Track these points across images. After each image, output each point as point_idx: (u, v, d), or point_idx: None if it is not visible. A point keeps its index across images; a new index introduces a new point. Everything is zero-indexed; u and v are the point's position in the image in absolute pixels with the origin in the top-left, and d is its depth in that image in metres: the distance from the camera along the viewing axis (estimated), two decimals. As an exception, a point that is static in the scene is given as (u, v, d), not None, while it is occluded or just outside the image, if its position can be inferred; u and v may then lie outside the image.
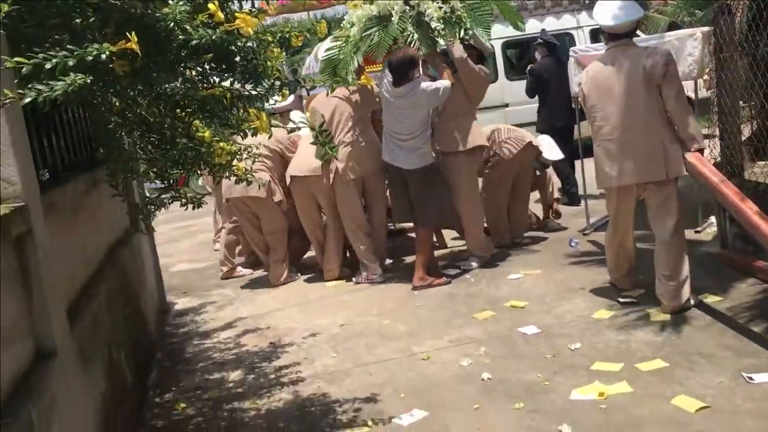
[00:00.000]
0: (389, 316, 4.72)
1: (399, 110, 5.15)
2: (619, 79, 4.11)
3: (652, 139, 4.03)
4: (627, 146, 4.09)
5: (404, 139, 5.20)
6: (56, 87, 1.92)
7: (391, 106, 5.19)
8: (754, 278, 4.44)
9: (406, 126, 5.18)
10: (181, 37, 2.26)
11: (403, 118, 5.15)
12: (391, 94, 5.18)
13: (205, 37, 2.23)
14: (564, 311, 4.38)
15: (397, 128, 5.21)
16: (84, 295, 3.13)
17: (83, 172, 3.54)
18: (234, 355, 4.39)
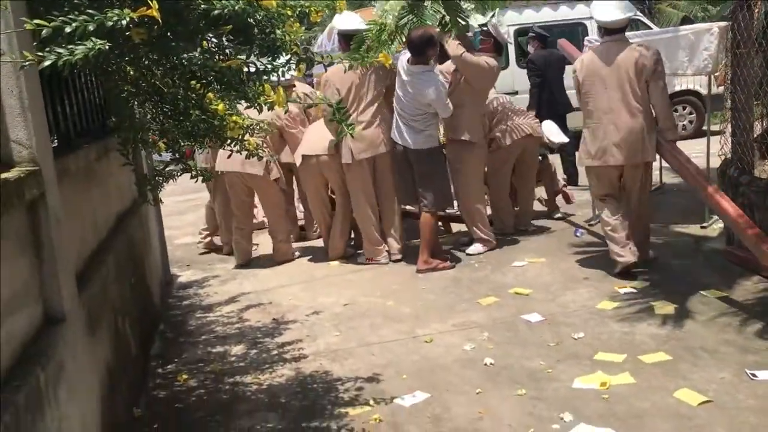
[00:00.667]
0: (393, 298, 4.73)
1: (408, 89, 5.13)
2: (612, 70, 4.60)
3: (634, 127, 4.57)
4: (612, 131, 4.61)
5: (410, 118, 5.20)
6: (76, 51, 1.90)
7: (403, 84, 5.17)
8: (759, 276, 4.44)
9: (412, 106, 5.17)
10: (203, 6, 2.24)
11: (411, 98, 5.14)
12: (405, 72, 5.16)
13: (228, 7, 2.21)
14: (568, 300, 4.38)
15: (404, 107, 5.21)
16: (93, 261, 3.13)
17: (95, 140, 3.53)
18: (237, 330, 4.40)
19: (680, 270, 4.75)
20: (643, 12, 17.91)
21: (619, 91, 4.56)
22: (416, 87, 5.10)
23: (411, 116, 5.20)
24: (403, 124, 5.24)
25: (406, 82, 5.15)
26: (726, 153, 5.13)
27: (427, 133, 5.24)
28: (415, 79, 5.10)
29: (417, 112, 5.18)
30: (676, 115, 11.17)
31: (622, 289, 4.45)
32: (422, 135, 5.22)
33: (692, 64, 5.68)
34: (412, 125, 5.21)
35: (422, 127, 5.22)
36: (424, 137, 5.23)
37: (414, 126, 5.21)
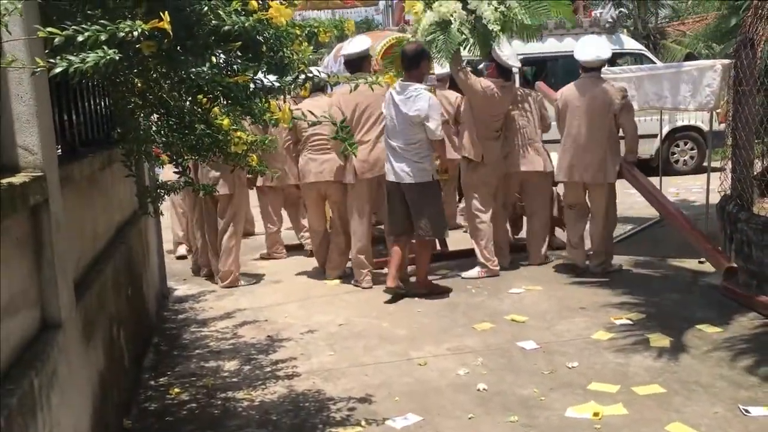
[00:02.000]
0: (389, 320, 4.73)
1: (401, 109, 5.01)
2: (586, 103, 5.44)
3: (598, 151, 5.41)
4: (580, 154, 5.47)
5: (403, 148, 5.05)
6: (87, 59, 1.93)
7: (394, 107, 5.07)
8: (755, 312, 4.45)
9: (404, 130, 5.04)
10: (213, 22, 2.27)
11: (403, 120, 5.02)
12: (397, 92, 5.04)
13: (238, 23, 2.25)
14: (563, 329, 4.38)
15: (396, 134, 5.07)
16: (92, 269, 3.14)
17: (100, 150, 3.56)
18: (231, 345, 4.39)
19: (677, 304, 4.76)
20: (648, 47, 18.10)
21: (588, 121, 5.41)
22: (408, 104, 4.98)
23: (404, 146, 5.04)
24: (395, 158, 5.07)
25: (398, 101, 4.99)
26: (726, 189, 5.17)
27: (421, 167, 5.03)
28: (406, 95, 5.01)
29: (410, 138, 5.02)
30: (678, 150, 11.26)
31: (618, 320, 4.46)
32: (416, 167, 5.05)
33: (695, 99, 5.73)
34: (406, 156, 5.03)
35: (416, 158, 5.04)
36: (418, 170, 5.04)
37: (408, 157, 5.03)
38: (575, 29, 10.69)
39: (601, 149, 5.41)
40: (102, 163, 3.51)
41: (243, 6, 2.30)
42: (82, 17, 2.38)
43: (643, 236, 6.74)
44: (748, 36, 4.88)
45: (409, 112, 4.97)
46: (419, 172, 5.08)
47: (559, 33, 10.58)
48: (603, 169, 5.43)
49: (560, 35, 10.61)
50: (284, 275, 6.06)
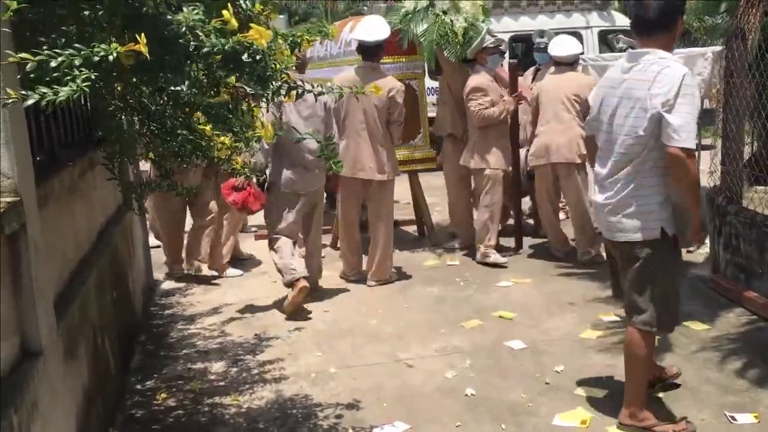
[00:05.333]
0: (377, 316, 4.71)
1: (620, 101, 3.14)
2: (555, 90, 5.68)
3: (566, 133, 5.57)
4: (551, 136, 5.64)
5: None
6: (61, 93, 1.86)
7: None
8: (742, 308, 4.46)
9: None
10: (192, 43, 2.19)
11: (615, 124, 3.19)
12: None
13: (217, 46, 2.17)
14: (551, 327, 4.38)
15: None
16: (74, 280, 3.09)
17: (80, 154, 3.48)
18: (218, 344, 4.37)
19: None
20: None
21: (560, 106, 5.62)
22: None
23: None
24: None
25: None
26: (715, 180, 5.14)
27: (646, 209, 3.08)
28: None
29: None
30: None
31: (606, 317, 4.46)
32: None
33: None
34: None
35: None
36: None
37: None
38: (566, 6, 10.59)
39: (572, 131, 5.53)
40: (83, 169, 3.44)
41: (222, 24, 2.22)
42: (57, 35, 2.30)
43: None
44: (739, 26, 4.82)
45: (643, 96, 2.90)
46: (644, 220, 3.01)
47: (549, 10, 10.46)
48: (572, 149, 5.54)
49: (551, 12, 10.49)
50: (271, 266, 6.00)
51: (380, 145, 5.20)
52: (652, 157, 2.90)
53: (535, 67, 6.88)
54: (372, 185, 5.29)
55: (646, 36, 2.95)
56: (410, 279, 5.51)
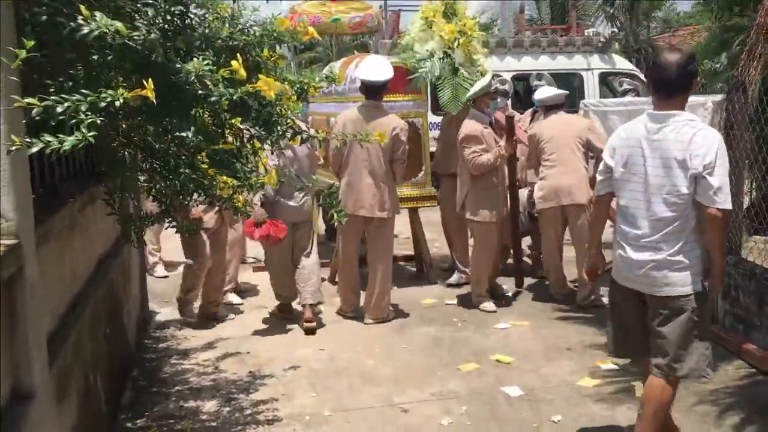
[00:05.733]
0: (373, 356, 4.67)
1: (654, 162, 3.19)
2: (564, 134, 5.69)
3: (575, 174, 5.59)
4: (559, 178, 5.61)
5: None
6: (66, 142, 1.86)
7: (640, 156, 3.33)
8: (740, 360, 4.42)
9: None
10: (200, 92, 2.20)
11: (652, 179, 3.20)
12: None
13: (225, 95, 2.18)
14: (549, 373, 4.34)
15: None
16: (69, 315, 3.05)
17: (81, 189, 3.47)
18: (211, 381, 4.32)
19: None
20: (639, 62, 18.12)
21: (564, 149, 5.63)
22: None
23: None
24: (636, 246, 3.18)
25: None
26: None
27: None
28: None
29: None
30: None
31: (603, 365, 4.43)
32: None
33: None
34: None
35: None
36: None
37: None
38: (568, 47, 10.70)
39: (579, 173, 5.58)
40: (83, 204, 3.43)
41: (231, 73, 2.23)
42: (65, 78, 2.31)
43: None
44: (740, 79, 4.86)
45: (682, 157, 2.97)
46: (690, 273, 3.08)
47: (552, 51, 10.57)
48: (583, 191, 5.51)
49: (552, 53, 10.60)
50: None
51: (382, 182, 5.21)
52: (693, 215, 3.00)
53: (533, 109, 6.94)
54: (372, 222, 5.29)
55: (667, 97, 3.05)
56: (408, 317, 5.48)
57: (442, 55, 5.88)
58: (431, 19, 5.95)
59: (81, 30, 2.10)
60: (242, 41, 2.42)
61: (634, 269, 3.11)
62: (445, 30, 5.85)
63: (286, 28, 2.65)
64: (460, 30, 5.90)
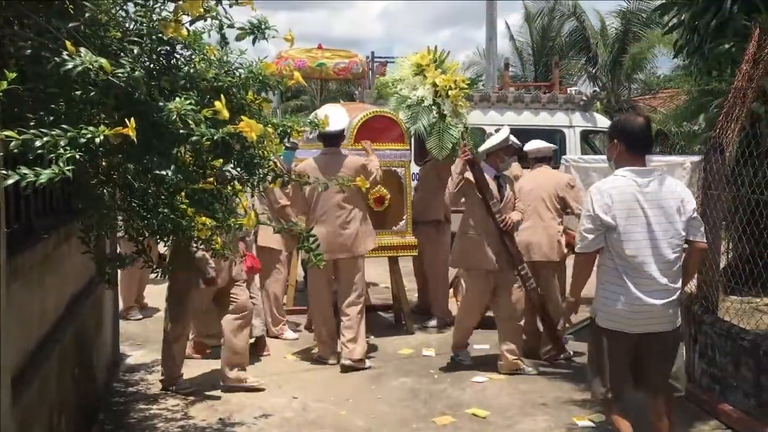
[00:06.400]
0: (347, 406, 4.58)
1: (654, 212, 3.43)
2: (539, 189, 5.71)
3: (546, 231, 5.61)
4: (532, 233, 5.61)
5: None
6: (42, 175, 1.84)
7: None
8: (717, 420, 4.39)
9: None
10: (182, 131, 2.20)
11: (657, 230, 3.42)
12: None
13: (207, 135, 2.18)
14: (525, 429, 4.28)
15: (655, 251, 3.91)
16: (37, 354, 2.98)
17: (57, 225, 3.43)
18: (180, 428, 4.20)
19: (639, 404, 4.68)
20: (620, 121, 18.45)
21: (539, 204, 5.64)
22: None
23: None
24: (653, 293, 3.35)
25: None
26: (691, 288, 5.17)
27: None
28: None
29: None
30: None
31: (580, 421, 4.37)
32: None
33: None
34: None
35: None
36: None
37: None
38: (550, 105, 10.89)
39: (552, 229, 5.60)
40: (57, 242, 3.38)
41: (213, 113, 2.23)
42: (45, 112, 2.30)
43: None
44: (718, 140, 4.95)
45: (676, 205, 3.33)
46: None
47: (534, 107, 10.74)
48: (554, 248, 5.56)
49: (535, 109, 10.77)
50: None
51: (350, 222, 5.34)
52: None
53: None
54: (339, 265, 5.31)
55: (644, 154, 3.42)
56: (384, 368, 5.40)
57: (431, 103, 6.03)
58: (423, 66, 6.11)
59: (65, 65, 2.09)
60: (227, 82, 2.43)
61: (652, 313, 3.31)
62: (440, 78, 5.98)
63: (271, 72, 2.67)
64: (454, 80, 6.07)
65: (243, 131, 2.21)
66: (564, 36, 22.55)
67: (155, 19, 2.46)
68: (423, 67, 6.21)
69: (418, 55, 6.34)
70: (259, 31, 2.35)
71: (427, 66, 6.19)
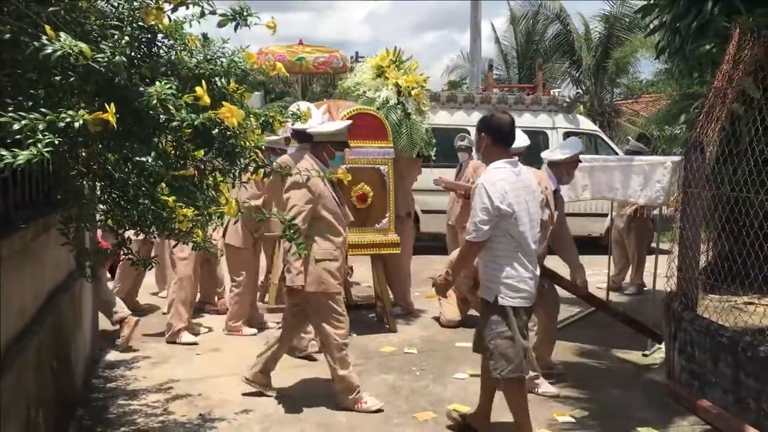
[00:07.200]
0: (329, 402, 4.56)
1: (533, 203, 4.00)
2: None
3: None
4: None
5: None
6: (20, 156, 1.82)
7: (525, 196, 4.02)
8: (695, 416, 4.43)
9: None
10: (162, 116, 2.18)
11: (534, 217, 4.00)
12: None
13: (187, 120, 2.16)
14: (506, 425, 4.28)
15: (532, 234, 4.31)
16: (13, 347, 2.94)
17: (36, 216, 3.39)
18: (159, 424, 4.16)
19: (619, 401, 4.72)
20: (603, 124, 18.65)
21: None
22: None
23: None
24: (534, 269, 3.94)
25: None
26: (672, 285, 5.21)
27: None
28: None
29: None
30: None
31: (561, 417, 4.39)
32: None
33: (645, 194, 5.85)
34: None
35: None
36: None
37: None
38: (533, 106, 10.95)
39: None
40: (36, 233, 3.34)
41: (195, 99, 2.22)
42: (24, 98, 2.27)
43: (589, 321, 6.74)
44: (698, 139, 5.00)
45: (538, 190, 4.00)
46: None
47: (518, 109, 10.79)
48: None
49: (519, 111, 10.81)
50: (224, 342, 5.88)
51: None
52: None
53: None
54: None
55: (508, 146, 3.84)
56: (365, 365, 5.39)
57: (396, 102, 6.22)
58: (384, 68, 6.27)
59: (44, 49, 2.07)
60: (209, 70, 2.42)
61: (534, 286, 3.80)
62: (403, 79, 6.15)
63: (253, 63, 2.66)
64: (416, 80, 6.25)
65: (223, 117, 2.20)
66: (548, 39, 22.68)
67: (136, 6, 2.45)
68: (383, 69, 6.35)
69: (377, 58, 6.49)
70: (241, 18, 2.35)
71: (387, 67, 6.34)
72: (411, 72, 6.49)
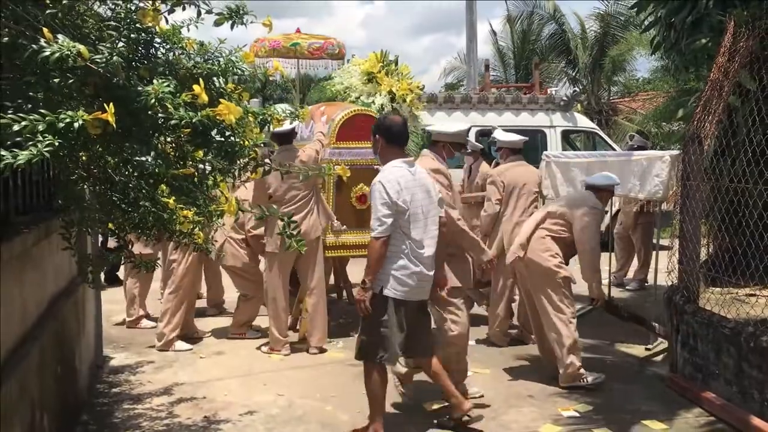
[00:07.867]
0: (332, 402, 4.57)
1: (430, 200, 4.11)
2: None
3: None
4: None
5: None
6: (20, 156, 1.83)
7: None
8: (700, 408, 4.43)
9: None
10: (160, 115, 2.20)
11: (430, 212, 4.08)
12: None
13: (185, 119, 2.18)
14: (510, 420, 4.29)
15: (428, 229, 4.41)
16: (16, 352, 2.95)
17: (37, 221, 3.40)
18: (164, 427, 4.17)
19: (623, 395, 4.73)
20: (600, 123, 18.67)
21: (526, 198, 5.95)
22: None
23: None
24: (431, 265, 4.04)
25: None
26: (673, 279, 5.22)
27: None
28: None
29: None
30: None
31: (565, 412, 4.40)
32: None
33: (644, 188, 5.85)
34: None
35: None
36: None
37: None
38: (531, 105, 10.96)
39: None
40: (37, 238, 3.35)
41: (192, 98, 2.23)
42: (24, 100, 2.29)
43: (592, 317, 6.74)
44: (696, 132, 5.01)
45: (432, 187, 4.06)
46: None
47: (515, 108, 10.80)
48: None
49: (516, 110, 10.83)
50: (227, 345, 5.89)
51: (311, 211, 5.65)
52: None
53: (495, 161, 7.11)
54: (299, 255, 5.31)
55: (401, 146, 3.99)
56: (369, 365, 5.38)
57: (390, 110, 6.39)
58: (374, 75, 6.38)
59: (43, 52, 2.08)
60: (206, 70, 2.43)
61: (428, 283, 3.94)
62: (396, 86, 6.27)
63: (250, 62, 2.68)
64: (410, 87, 6.38)
65: (221, 114, 2.21)
66: (544, 39, 22.70)
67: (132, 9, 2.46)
68: (374, 75, 6.45)
69: (367, 63, 6.55)
70: (237, 16, 2.36)
71: (378, 73, 6.43)
72: (404, 78, 6.55)
